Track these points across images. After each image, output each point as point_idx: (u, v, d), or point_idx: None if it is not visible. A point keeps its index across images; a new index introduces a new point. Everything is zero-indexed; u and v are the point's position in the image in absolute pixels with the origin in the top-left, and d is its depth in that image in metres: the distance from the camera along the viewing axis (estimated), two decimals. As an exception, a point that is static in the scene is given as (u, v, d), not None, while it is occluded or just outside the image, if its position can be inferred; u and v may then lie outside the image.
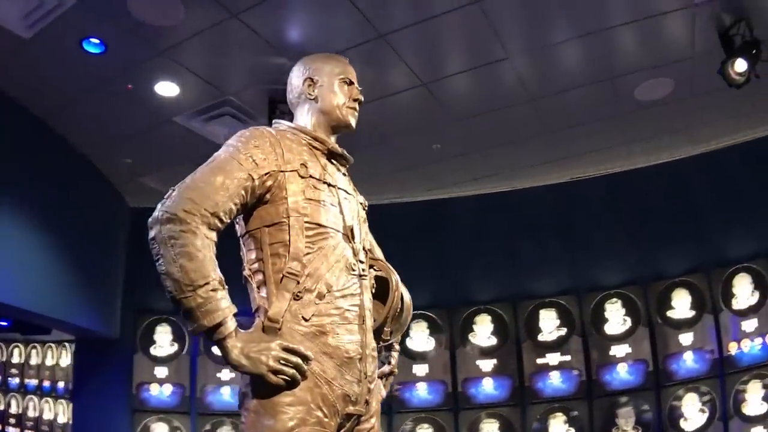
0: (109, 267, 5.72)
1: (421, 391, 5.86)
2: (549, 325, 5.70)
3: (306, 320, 1.68)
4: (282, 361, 1.60)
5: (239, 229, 1.82)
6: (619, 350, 5.65)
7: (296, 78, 1.99)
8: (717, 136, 5.89)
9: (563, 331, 5.69)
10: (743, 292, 5.75)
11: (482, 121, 5.08)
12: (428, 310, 5.87)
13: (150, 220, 1.65)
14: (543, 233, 5.93)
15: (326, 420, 1.66)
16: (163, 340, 5.73)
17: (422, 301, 5.71)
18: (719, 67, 4.35)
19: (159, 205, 1.65)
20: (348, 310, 1.75)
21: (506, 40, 4.14)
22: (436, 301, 5.87)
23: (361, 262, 1.86)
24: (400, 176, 5.87)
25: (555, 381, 5.65)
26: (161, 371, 5.71)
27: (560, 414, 5.63)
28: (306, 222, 1.75)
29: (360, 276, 1.81)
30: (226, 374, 5.72)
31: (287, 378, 1.60)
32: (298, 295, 1.68)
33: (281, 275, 1.69)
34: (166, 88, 4.37)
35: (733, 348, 5.83)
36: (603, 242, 5.89)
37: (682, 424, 5.66)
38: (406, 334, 5.39)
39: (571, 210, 6.01)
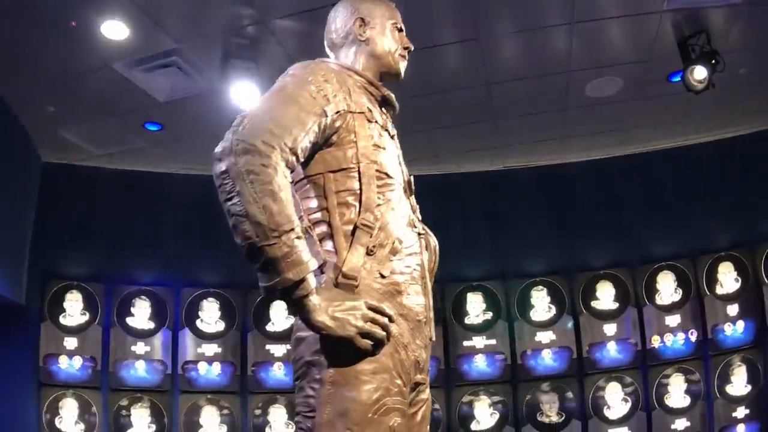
0: (14, 226, 5.38)
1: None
2: (476, 308, 5.88)
3: (383, 277, 1.59)
4: (370, 323, 1.49)
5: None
6: (544, 337, 5.90)
7: (343, 17, 1.88)
8: (652, 140, 6.33)
9: (489, 315, 5.88)
10: (666, 288, 6.17)
11: (428, 102, 5.07)
12: None
13: (219, 150, 1.48)
14: (473, 219, 6.12)
15: (404, 389, 1.58)
16: (74, 309, 5.44)
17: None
18: (669, 74, 4.89)
19: (229, 134, 1.49)
20: (414, 269, 1.68)
21: (469, 22, 4.23)
22: None
23: (419, 219, 1.80)
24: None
25: (480, 364, 5.80)
26: (71, 342, 5.42)
27: (485, 397, 5.78)
28: (376, 170, 1.66)
29: (419, 234, 1.75)
30: (141, 347, 5.51)
31: (375, 342, 1.49)
32: (371, 250, 1.58)
33: (352, 227, 1.58)
34: (114, 29, 3.99)
35: (656, 341, 6.18)
36: (532, 231, 6.13)
37: (606, 412, 5.93)
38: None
39: (502, 198, 6.24)
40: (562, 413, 5.90)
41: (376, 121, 1.72)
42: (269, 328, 5.75)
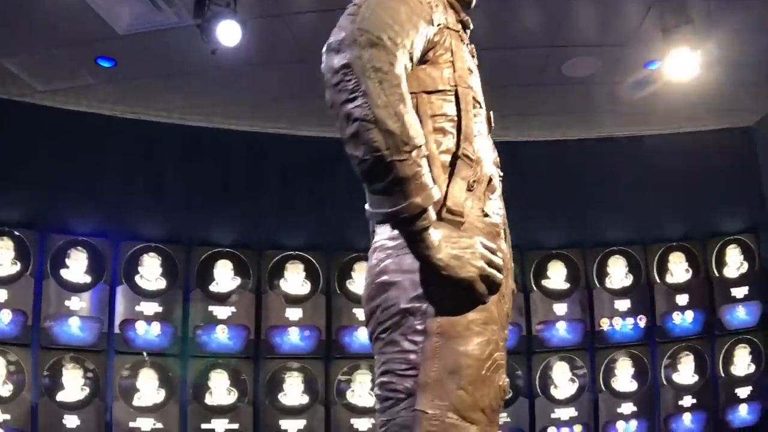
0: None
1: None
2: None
3: (486, 216, 1.45)
4: (488, 264, 1.34)
5: None
6: None
7: None
8: (617, 125, 6.54)
9: None
10: (618, 273, 6.37)
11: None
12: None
13: (337, 40, 1.28)
14: None
15: (502, 344, 1.45)
16: (4, 258, 5.14)
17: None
18: (649, 61, 5.07)
19: (347, 22, 1.30)
20: (504, 212, 1.57)
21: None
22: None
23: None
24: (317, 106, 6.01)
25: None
26: (-1, 295, 5.26)
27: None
28: (472, 98, 1.51)
29: (499, 177, 1.62)
30: (75, 303, 5.25)
31: (490, 287, 1.34)
32: (472, 185, 1.43)
33: (451, 157, 1.42)
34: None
35: (605, 324, 6.31)
36: None
37: (553, 391, 6.03)
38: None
39: None
40: (510, 390, 5.95)
41: (467, 44, 1.59)
42: (213, 288, 5.58)
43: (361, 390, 5.65)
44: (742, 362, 6.58)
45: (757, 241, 6.59)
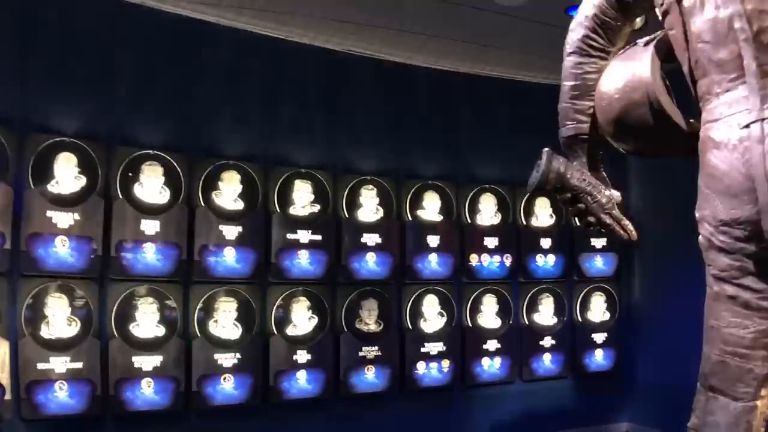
0: None
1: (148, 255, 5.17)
2: (303, 198, 5.81)
3: None
4: None
5: None
6: (370, 239, 6.02)
7: None
8: (519, 67, 6.91)
9: (317, 208, 5.84)
10: (488, 210, 6.68)
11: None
12: (166, 153, 5.32)
13: None
14: (307, 99, 6.03)
15: None
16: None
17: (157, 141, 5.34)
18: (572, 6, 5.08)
19: None
20: None
21: None
22: (174, 146, 5.41)
23: None
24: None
25: (303, 261, 5.67)
26: None
27: (303, 299, 5.65)
28: None
29: None
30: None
31: None
32: None
33: None
34: None
35: (474, 259, 6.65)
36: (366, 126, 6.25)
37: (422, 324, 6.18)
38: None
39: (342, 83, 6.22)
40: (381, 322, 6.15)
41: None
42: (52, 188, 4.88)
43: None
44: (598, 309, 7.32)
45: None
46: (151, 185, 5.23)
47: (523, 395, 6.72)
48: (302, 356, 5.58)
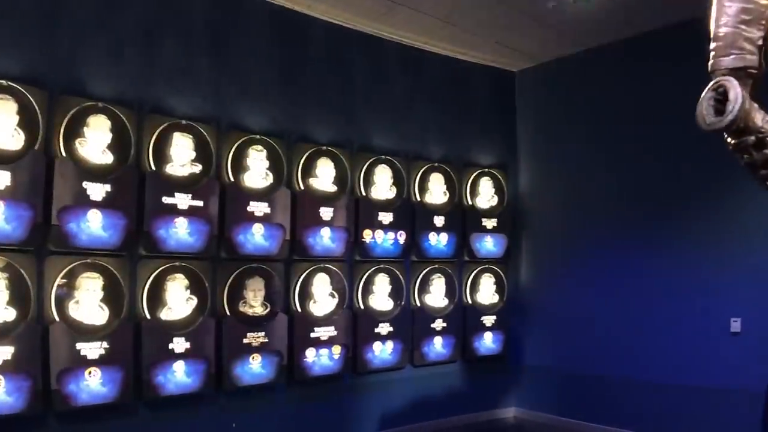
0: None
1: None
2: (182, 155, 5.06)
3: None
4: None
5: None
6: (258, 208, 5.39)
7: None
8: (422, 34, 6.59)
9: (198, 168, 5.14)
10: (383, 182, 6.34)
11: None
12: (22, 87, 4.30)
13: None
14: (192, 39, 5.30)
15: None
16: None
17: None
18: None
19: None
20: None
21: None
22: (32, 78, 4.41)
23: None
24: None
25: (181, 231, 4.95)
26: None
27: (180, 276, 4.97)
28: None
29: None
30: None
31: None
32: None
33: None
34: None
35: (367, 236, 6.22)
36: (257, 78, 5.62)
37: (312, 307, 5.71)
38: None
39: (231, 25, 5.58)
40: (267, 304, 5.64)
41: None
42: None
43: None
44: (488, 291, 7.29)
45: (506, 177, 7.37)
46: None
47: (413, 381, 6.49)
48: (179, 344, 4.89)
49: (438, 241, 6.76)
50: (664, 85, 6.32)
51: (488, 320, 7.10)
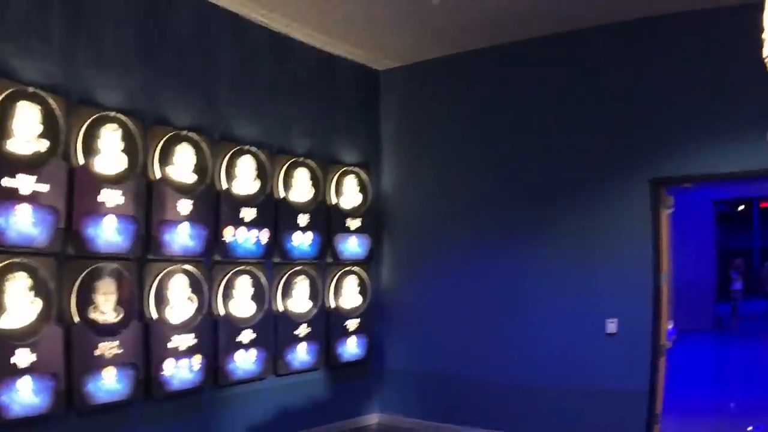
0: None
1: None
2: (26, 129, 4.33)
3: None
4: None
5: None
6: (110, 197, 4.78)
7: None
8: (292, 20, 6.31)
9: (44, 146, 4.41)
10: (246, 175, 5.98)
11: None
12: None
13: None
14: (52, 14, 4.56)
15: None
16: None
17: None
18: None
19: None
20: None
21: None
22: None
23: None
24: None
25: (22, 222, 4.24)
26: None
27: (22, 275, 4.27)
28: None
29: None
30: None
31: None
32: None
33: None
34: None
35: (228, 234, 5.76)
36: (113, 48, 5.03)
37: (168, 313, 5.21)
38: None
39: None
40: (120, 310, 5.00)
41: None
42: None
43: None
44: (351, 294, 7.11)
45: (370, 176, 7.21)
46: None
47: (277, 392, 6.13)
48: (22, 357, 4.19)
49: (302, 241, 6.49)
50: (534, 92, 6.60)
51: (352, 324, 6.95)
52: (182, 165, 5.47)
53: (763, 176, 6.08)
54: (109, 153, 4.91)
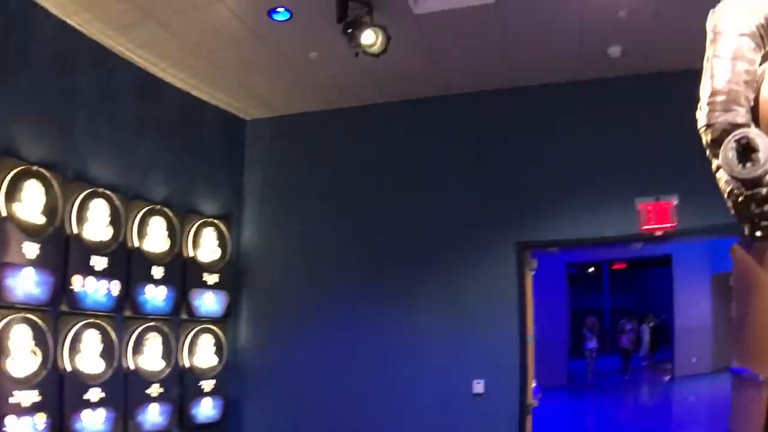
0: None
1: None
2: None
3: None
4: None
5: None
6: None
7: None
8: (161, 58, 6.19)
9: None
10: (98, 220, 5.71)
11: None
12: None
13: None
14: None
15: None
16: None
17: None
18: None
19: None
20: None
21: None
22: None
23: None
24: None
25: None
26: None
27: None
28: None
29: None
30: None
31: None
32: None
33: None
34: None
35: (77, 283, 5.41)
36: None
37: (8, 365, 4.67)
38: None
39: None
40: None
41: None
42: None
43: None
44: (207, 353, 6.81)
45: (230, 229, 7.06)
46: None
47: (125, 458, 5.72)
48: None
49: (154, 295, 6.21)
50: (405, 153, 6.84)
51: (207, 385, 6.64)
52: (30, 204, 5.10)
53: (629, 242, 6.66)
54: None
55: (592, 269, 25.60)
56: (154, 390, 6.04)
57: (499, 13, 5.41)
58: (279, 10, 5.41)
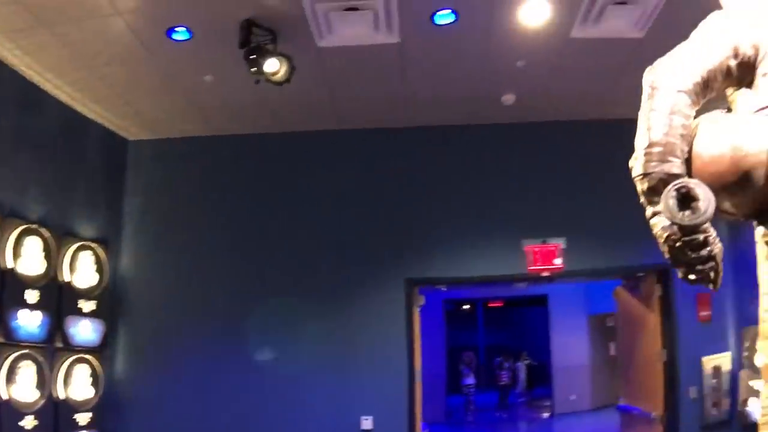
0: None
1: None
2: None
3: None
4: None
5: None
6: None
7: None
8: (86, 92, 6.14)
9: None
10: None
11: None
12: None
13: None
14: None
15: None
16: None
17: None
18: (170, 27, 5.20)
19: None
20: None
21: None
22: None
23: None
24: None
25: None
26: None
27: None
28: None
29: None
30: None
31: None
32: None
33: None
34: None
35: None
36: None
37: None
38: None
39: None
40: None
41: None
42: None
43: None
44: (83, 384, 6.44)
45: (108, 254, 6.80)
46: None
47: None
48: None
49: (29, 321, 5.86)
50: (298, 185, 6.89)
51: (83, 419, 6.28)
52: None
53: (516, 281, 7.08)
54: None
55: (467, 306, 26.46)
56: (28, 422, 5.65)
57: (402, 54, 5.66)
58: (179, 29, 5.35)
